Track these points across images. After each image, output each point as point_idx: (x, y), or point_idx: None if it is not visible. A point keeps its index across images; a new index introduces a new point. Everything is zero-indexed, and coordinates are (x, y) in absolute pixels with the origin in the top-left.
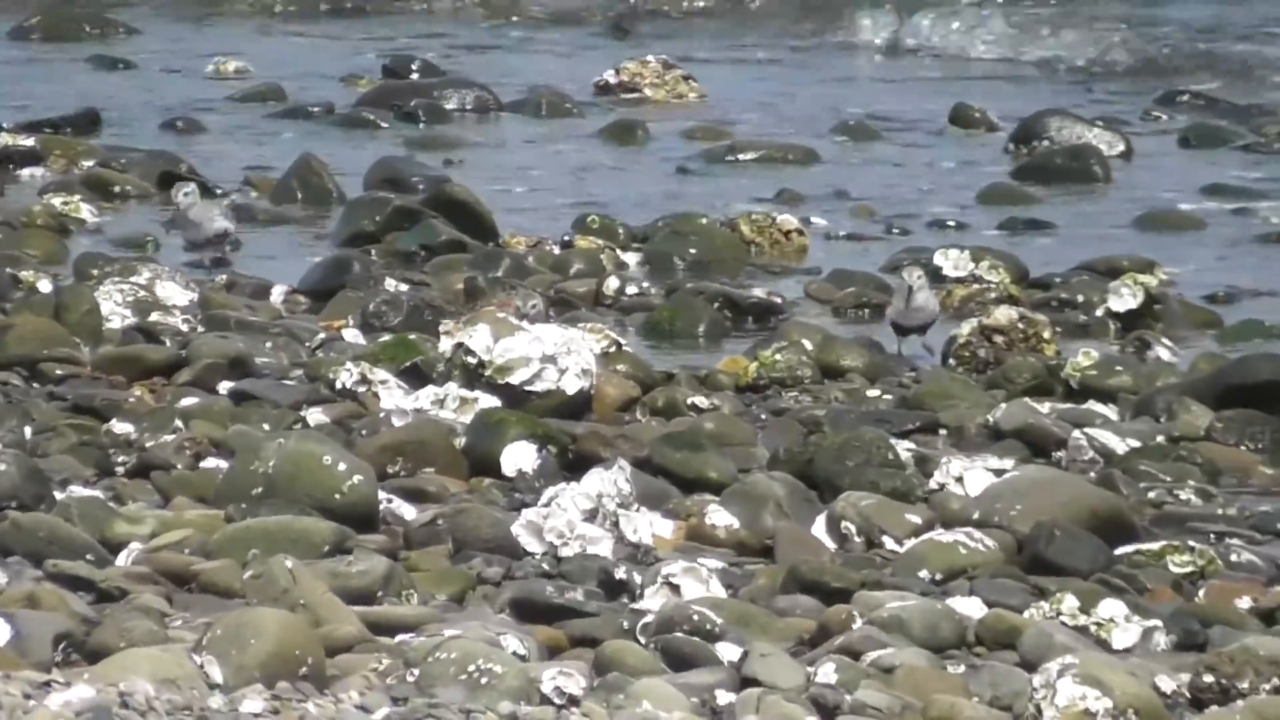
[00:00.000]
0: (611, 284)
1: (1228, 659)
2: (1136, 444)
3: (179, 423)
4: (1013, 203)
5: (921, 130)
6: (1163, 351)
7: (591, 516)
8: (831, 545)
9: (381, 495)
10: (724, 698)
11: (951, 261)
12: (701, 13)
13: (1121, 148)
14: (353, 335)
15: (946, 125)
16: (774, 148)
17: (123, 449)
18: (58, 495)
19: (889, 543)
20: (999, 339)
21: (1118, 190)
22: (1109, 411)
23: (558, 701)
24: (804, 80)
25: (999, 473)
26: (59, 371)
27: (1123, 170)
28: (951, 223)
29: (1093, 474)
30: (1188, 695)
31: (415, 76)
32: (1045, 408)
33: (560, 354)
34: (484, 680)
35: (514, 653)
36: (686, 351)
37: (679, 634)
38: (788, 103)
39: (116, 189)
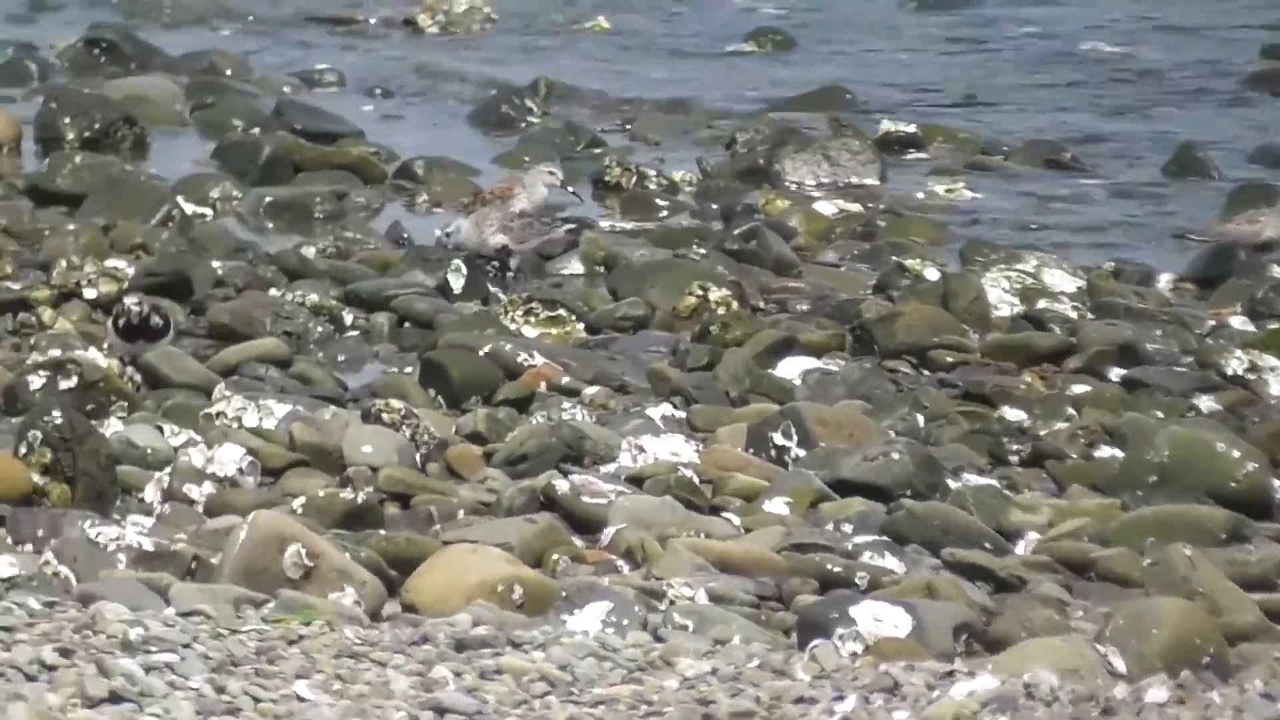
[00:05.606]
0: None
1: None
2: None
3: (1071, 410)
4: None
5: None
6: None
7: None
8: None
9: (1275, 483)
10: None
11: None
12: None
13: None
14: (1241, 322)
15: None
16: None
17: (1015, 437)
18: (951, 483)
19: None
20: None
21: None
22: None
23: None
24: None
25: None
26: (949, 359)
27: None
28: None
29: None
30: None
31: None
32: None
33: None
34: None
35: None
36: None
37: None
38: None
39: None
